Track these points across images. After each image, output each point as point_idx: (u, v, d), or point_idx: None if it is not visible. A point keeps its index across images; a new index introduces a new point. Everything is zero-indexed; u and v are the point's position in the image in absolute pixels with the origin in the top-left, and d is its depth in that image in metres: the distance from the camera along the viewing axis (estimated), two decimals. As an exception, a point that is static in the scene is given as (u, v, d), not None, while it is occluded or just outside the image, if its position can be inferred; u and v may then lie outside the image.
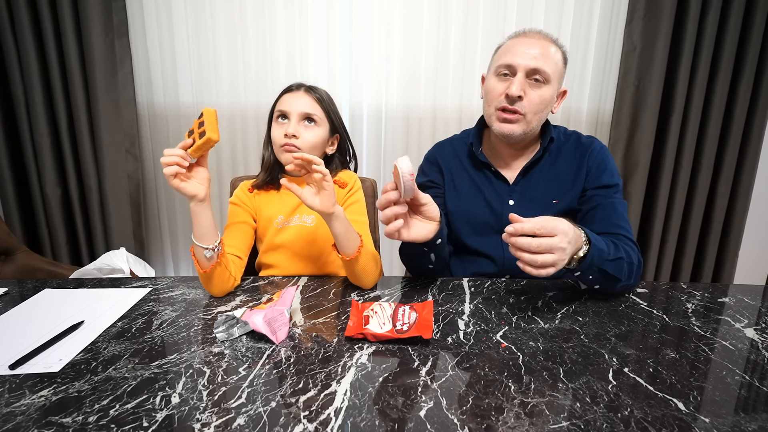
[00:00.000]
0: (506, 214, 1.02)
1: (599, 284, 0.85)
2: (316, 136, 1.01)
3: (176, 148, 0.80)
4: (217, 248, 0.85)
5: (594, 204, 0.98)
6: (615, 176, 1.00)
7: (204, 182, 0.83)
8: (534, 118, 0.95)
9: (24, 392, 0.56)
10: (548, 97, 0.94)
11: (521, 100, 0.93)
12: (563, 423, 0.51)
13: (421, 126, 1.85)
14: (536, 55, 0.92)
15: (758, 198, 1.97)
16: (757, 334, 0.75)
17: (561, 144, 1.04)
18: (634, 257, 0.89)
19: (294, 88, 1.04)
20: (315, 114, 1.00)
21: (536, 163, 1.03)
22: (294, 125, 0.99)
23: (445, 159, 1.10)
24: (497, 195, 1.04)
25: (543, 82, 0.93)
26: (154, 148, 1.87)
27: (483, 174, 1.06)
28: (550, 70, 0.92)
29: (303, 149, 0.99)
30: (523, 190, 1.03)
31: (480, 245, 1.05)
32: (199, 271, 0.85)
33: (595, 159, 1.01)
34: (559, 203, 1.01)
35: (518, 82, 0.92)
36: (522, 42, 0.94)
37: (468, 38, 1.77)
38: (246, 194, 1.07)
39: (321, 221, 1.05)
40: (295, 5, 1.72)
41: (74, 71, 1.65)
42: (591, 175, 1.00)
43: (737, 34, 1.72)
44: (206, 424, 0.51)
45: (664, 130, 1.82)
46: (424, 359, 0.65)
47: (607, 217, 0.96)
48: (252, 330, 0.71)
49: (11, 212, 1.75)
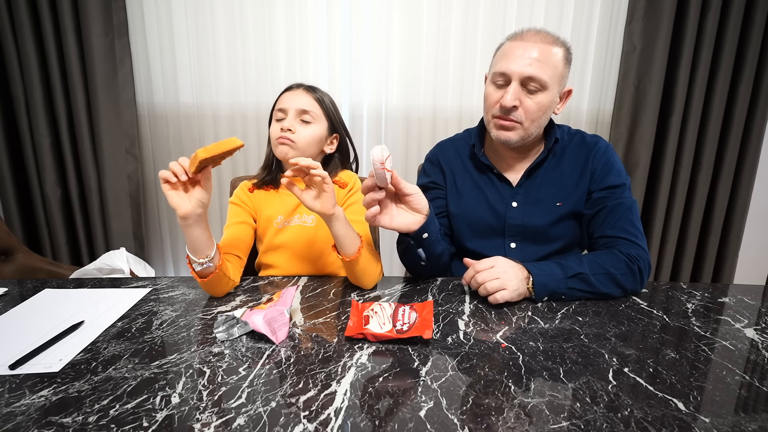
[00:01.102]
0: (509, 216, 1.02)
1: (584, 297, 0.86)
2: (313, 133, 1.01)
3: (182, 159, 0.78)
4: (209, 263, 0.82)
5: (600, 207, 0.96)
6: (622, 175, 0.98)
7: (193, 201, 0.78)
8: (532, 126, 0.93)
9: (24, 392, 0.56)
10: (546, 103, 0.91)
11: (516, 109, 0.91)
12: (563, 423, 0.51)
13: (421, 126, 1.85)
14: (532, 61, 0.88)
15: (758, 198, 1.97)
16: (757, 334, 0.75)
17: (565, 144, 1.02)
18: (616, 266, 0.86)
19: (294, 87, 1.04)
20: (312, 111, 1.01)
21: (540, 164, 1.01)
22: (290, 120, 0.99)
23: (447, 160, 1.09)
24: (500, 197, 1.03)
25: (540, 89, 0.90)
26: (154, 148, 1.87)
27: (486, 176, 1.05)
28: (546, 76, 0.88)
29: (298, 144, 0.99)
30: (526, 193, 1.02)
31: (482, 248, 1.04)
32: (197, 279, 0.83)
33: (599, 159, 0.98)
34: (564, 206, 1.00)
35: (512, 92, 0.89)
36: (518, 46, 0.90)
37: (468, 38, 1.77)
38: (246, 194, 1.07)
39: (321, 221, 1.05)
40: (295, 5, 1.72)
41: (74, 71, 1.65)
42: (596, 177, 0.98)
43: (737, 34, 1.72)
44: (206, 424, 0.51)
45: (664, 130, 1.82)
46: (424, 359, 0.65)
47: (611, 220, 0.95)
48: (252, 330, 0.71)
49: (11, 212, 1.75)
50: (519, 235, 1.03)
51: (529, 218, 1.01)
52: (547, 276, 0.84)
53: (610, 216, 0.95)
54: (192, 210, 0.78)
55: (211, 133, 1.83)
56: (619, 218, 0.94)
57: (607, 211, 0.96)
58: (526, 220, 1.01)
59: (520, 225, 1.02)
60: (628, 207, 0.95)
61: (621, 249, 0.90)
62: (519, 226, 1.02)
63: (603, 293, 0.86)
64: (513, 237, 1.03)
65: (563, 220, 1.00)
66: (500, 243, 1.04)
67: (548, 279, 0.84)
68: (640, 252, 0.90)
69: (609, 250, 0.92)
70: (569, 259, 0.88)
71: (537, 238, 1.02)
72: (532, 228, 1.01)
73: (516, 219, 1.02)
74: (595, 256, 0.89)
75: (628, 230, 0.93)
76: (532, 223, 1.01)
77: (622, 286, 0.87)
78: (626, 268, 0.87)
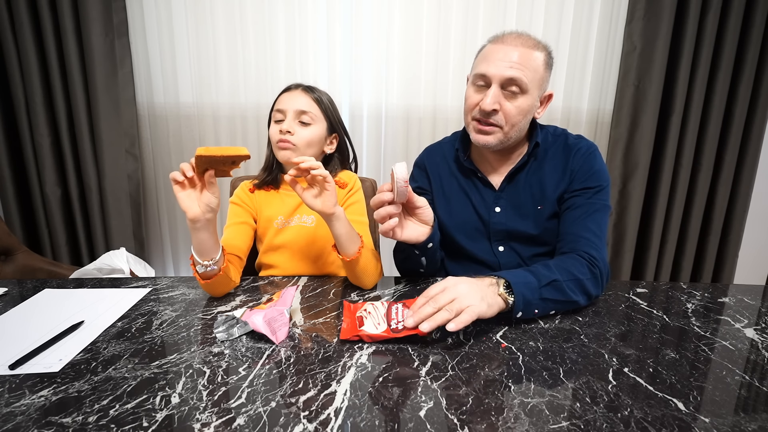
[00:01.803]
0: (493, 222, 1.01)
1: (553, 311, 0.80)
2: (312, 134, 1.01)
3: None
4: (213, 266, 0.82)
5: (568, 206, 0.94)
6: (600, 177, 0.94)
7: (202, 205, 0.78)
8: (512, 130, 0.92)
9: (24, 392, 0.56)
10: (526, 107, 0.90)
11: (496, 113, 0.89)
12: (563, 423, 0.51)
13: (421, 126, 1.85)
14: (512, 63, 0.86)
15: (758, 198, 1.97)
16: (757, 334, 0.75)
17: (548, 147, 0.99)
18: (581, 271, 0.82)
19: (292, 88, 1.04)
20: (310, 111, 1.00)
21: (521, 168, 0.99)
22: (289, 122, 0.99)
23: (434, 164, 1.09)
24: (484, 202, 1.02)
25: (520, 92, 0.88)
26: (154, 148, 1.87)
27: (470, 180, 1.04)
28: (527, 78, 0.87)
29: (298, 146, 0.99)
30: (509, 197, 1.00)
31: (474, 250, 1.04)
32: (199, 280, 0.84)
33: (579, 161, 0.95)
34: (544, 209, 0.98)
35: (492, 95, 0.88)
36: (498, 49, 0.88)
37: (468, 38, 1.77)
38: (246, 194, 1.07)
39: (321, 221, 1.05)
40: (295, 5, 1.72)
41: (74, 71, 1.65)
42: (574, 179, 0.95)
43: (737, 34, 1.72)
44: (206, 424, 0.51)
45: (664, 130, 1.82)
46: (424, 359, 0.65)
47: (577, 217, 0.92)
48: (252, 330, 0.71)
49: (11, 212, 1.75)
50: (505, 239, 1.02)
51: (512, 223, 1.00)
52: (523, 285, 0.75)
53: (578, 214, 0.92)
54: (201, 214, 0.78)
55: (212, 133, 1.83)
56: (586, 218, 0.91)
57: (574, 209, 0.93)
58: (509, 224, 1.00)
59: (505, 230, 1.01)
60: (598, 209, 0.92)
61: (582, 249, 0.87)
62: (504, 231, 1.01)
63: (571, 302, 0.80)
64: (500, 241, 1.03)
65: (546, 222, 0.98)
66: (488, 246, 1.04)
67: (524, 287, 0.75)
68: (600, 254, 0.86)
69: (569, 254, 0.87)
70: (537, 267, 0.81)
71: (524, 242, 1.01)
72: (516, 232, 1.00)
73: (500, 224, 1.01)
74: (560, 262, 0.83)
75: (593, 230, 0.90)
76: (516, 227, 1.00)
77: (587, 292, 0.81)
78: (589, 273, 0.83)
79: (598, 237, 0.89)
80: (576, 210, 0.93)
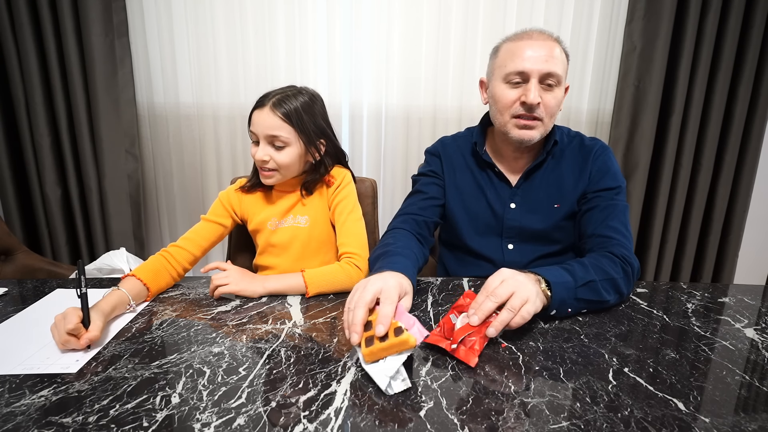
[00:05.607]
0: (507, 217, 1.02)
1: (584, 310, 0.80)
2: (289, 155, 0.98)
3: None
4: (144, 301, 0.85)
5: (591, 206, 0.97)
6: (617, 178, 0.98)
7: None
8: (550, 121, 0.95)
9: (24, 392, 0.56)
10: (561, 97, 0.94)
11: (539, 106, 0.92)
12: (563, 423, 0.51)
13: (421, 126, 1.85)
14: (548, 57, 0.90)
15: (758, 198, 1.97)
16: (757, 334, 0.75)
17: (564, 146, 1.02)
18: (616, 270, 0.83)
19: (259, 105, 0.98)
20: (281, 135, 0.96)
21: (539, 166, 1.01)
22: (263, 148, 0.98)
23: (448, 155, 1.08)
24: (499, 197, 1.03)
25: (555, 84, 0.92)
26: (154, 148, 1.87)
27: (486, 174, 1.05)
28: (560, 71, 0.91)
29: (280, 169, 0.99)
30: (525, 194, 1.02)
31: (480, 247, 1.04)
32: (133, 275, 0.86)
33: (597, 162, 0.99)
34: (561, 208, 1.00)
35: (534, 89, 0.90)
36: (529, 45, 0.91)
37: (468, 38, 1.77)
38: (234, 195, 1.07)
39: (315, 221, 1.05)
40: (295, 5, 1.72)
41: (74, 71, 1.65)
42: (593, 179, 0.99)
43: (737, 34, 1.72)
44: (206, 424, 0.51)
45: (664, 130, 1.82)
46: (424, 359, 0.65)
47: (603, 219, 0.94)
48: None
49: (11, 212, 1.75)
50: (517, 236, 1.03)
51: (527, 220, 1.01)
52: (561, 285, 0.76)
53: (603, 216, 0.94)
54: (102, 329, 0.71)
55: (212, 133, 1.83)
56: (613, 219, 0.94)
57: (599, 210, 0.95)
58: (524, 222, 1.01)
59: (518, 227, 1.02)
60: (621, 210, 0.95)
61: (614, 250, 0.88)
62: (517, 228, 1.02)
63: (604, 301, 0.80)
64: (511, 238, 1.03)
65: (561, 222, 1.01)
66: (498, 243, 1.04)
67: (562, 288, 0.75)
68: (631, 255, 0.88)
69: (602, 252, 0.88)
70: (574, 265, 0.81)
71: (535, 240, 1.02)
72: (530, 230, 1.01)
73: (514, 221, 1.02)
74: (595, 261, 0.84)
75: (621, 231, 0.92)
76: (530, 225, 1.01)
77: (620, 291, 0.83)
78: (623, 272, 0.84)
79: (626, 237, 0.92)
80: (601, 211, 0.95)
